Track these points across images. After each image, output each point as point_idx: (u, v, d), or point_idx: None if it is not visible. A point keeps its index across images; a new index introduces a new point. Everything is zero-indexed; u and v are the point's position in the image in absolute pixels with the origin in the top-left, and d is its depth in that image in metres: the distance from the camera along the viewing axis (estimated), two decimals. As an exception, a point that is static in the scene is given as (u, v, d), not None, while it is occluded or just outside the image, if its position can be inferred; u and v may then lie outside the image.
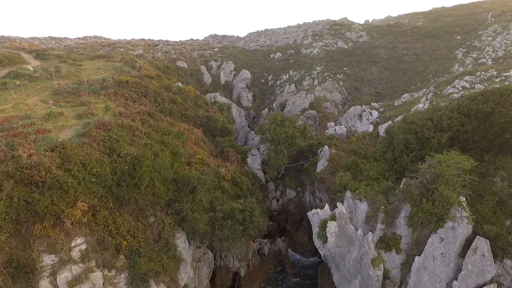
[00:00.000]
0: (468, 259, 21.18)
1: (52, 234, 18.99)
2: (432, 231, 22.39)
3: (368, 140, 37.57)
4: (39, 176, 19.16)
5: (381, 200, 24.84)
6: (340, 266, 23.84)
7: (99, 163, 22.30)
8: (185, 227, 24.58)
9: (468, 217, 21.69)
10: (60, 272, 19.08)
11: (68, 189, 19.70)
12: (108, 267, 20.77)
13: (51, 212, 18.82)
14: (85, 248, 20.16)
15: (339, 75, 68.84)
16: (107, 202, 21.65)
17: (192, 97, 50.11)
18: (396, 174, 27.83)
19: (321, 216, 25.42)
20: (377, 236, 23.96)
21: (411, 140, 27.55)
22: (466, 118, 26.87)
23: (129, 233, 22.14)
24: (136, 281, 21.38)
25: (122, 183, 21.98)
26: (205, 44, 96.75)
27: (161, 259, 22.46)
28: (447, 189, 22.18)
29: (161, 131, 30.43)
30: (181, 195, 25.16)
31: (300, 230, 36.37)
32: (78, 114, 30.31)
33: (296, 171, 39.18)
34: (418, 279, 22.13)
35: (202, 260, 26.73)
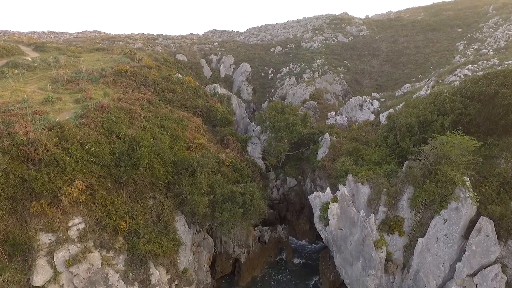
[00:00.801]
0: (472, 239, 20.85)
1: (49, 212, 18.66)
2: (435, 212, 22.06)
3: (370, 128, 37.24)
4: (36, 154, 18.83)
5: (383, 183, 24.50)
6: (342, 248, 23.51)
7: (97, 143, 21.96)
8: (185, 210, 24.23)
9: (472, 198, 21.35)
10: (57, 251, 18.77)
11: (66, 167, 19.37)
12: (106, 248, 20.46)
13: (48, 190, 18.49)
14: (83, 228, 19.85)
15: (340, 68, 68.48)
16: (105, 182, 21.31)
17: (192, 88, 49.69)
18: (399, 158, 27.49)
19: (322, 199, 25.08)
20: (379, 219, 23.62)
21: (414, 124, 27.20)
22: (469, 101, 26.54)
23: (128, 215, 21.82)
24: (135, 263, 21.07)
25: (121, 163, 21.64)
26: (205, 39, 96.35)
27: (160, 241, 22.15)
28: (450, 169, 21.84)
29: (161, 117, 30.07)
30: (180, 178, 24.82)
31: (301, 218, 36.05)
32: (77, 99, 29.94)
33: (296, 159, 38.84)
34: (421, 261, 21.81)
35: (202, 245, 26.40)
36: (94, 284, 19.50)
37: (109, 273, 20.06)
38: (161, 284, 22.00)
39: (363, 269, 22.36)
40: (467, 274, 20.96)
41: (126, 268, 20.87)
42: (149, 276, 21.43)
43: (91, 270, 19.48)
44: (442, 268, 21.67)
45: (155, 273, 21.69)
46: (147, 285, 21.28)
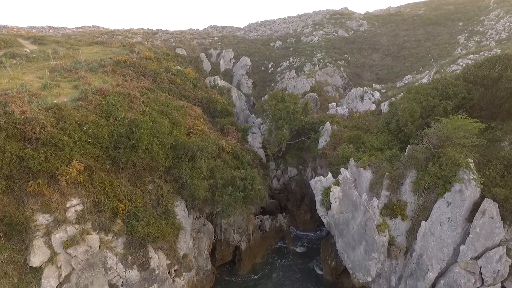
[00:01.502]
0: (476, 222, 20.54)
1: (47, 192, 18.33)
2: (439, 195, 21.74)
3: (371, 117, 36.94)
4: (33, 132, 18.48)
5: (386, 167, 24.19)
6: (344, 232, 23.20)
7: (95, 124, 21.62)
8: (184, 195, 23.90)
9: (476, 180, 21.03)
10: (54, 232, 18.45)
11: (63, 147, 19.03)
12: (105, 230, 20.13)
13: (45, 169, 18.16)
14: (81, 209, 19.52)
15: (340, 62, 68.14)
16: (104, 164, 20.97)
17: (191, 79, 49.38)
18: (401, 143, 27.17)
19: (324, 183, 24.76)
20: (382, 203, 23.30)
21: (416, 109, 26.88)
22: (472, 85, 26.26)
23: (127, 198, 21.48)
24: (134, 246, 20.74)
25: (119, 145, 21.31)
26: (205, 34, 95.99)
27: (159, 224, 21.83)
28: (454, 151, 21.52)
29: (160, 103, 29.73)
30: (180, 163, 24.49)
31: (302, 208, 35.75)
32: (75, 85, 29.59)
33: (297, 149, 38.53)
34: (424, 244, 21.50)
35: (202, 231, 26.09)
36: (92, 266, 19.18)
37: (107, 255, 19.75)
38: (161, 269, 21.68)
39: (365, 253, 22.06)
40: (471, 257, 20.66)
41: (125, 251, 20.54)
42: (148, 260, 21.11)
43: (89, 252, 19.16)
44: (446, 251, 21.36)
45: (154, 257, 21.37)
46: (146, 269, 20.96)
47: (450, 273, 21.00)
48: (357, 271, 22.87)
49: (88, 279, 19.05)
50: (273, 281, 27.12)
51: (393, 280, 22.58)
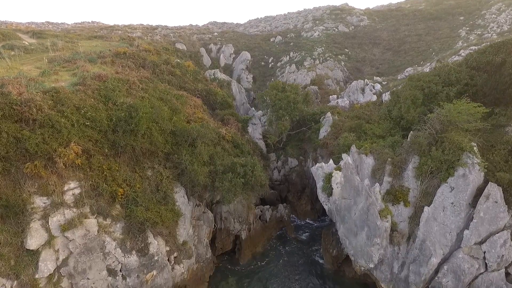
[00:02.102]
0: (480, 206, 20.25)
1: (44, 174, 18.04)
2: (442, 180, 21.45)
3: (372, 107, 36.59)
4: (30, 114, 18.17)
5: (388, 153, 23.90)
6: (346, 219, 22.90)
7: (94, 108, 21.33)
8: (184, 181, 23.60)
9: (480, 164, 20.74)
10: (52, 215, 18.15)
11: (61, 129, 18.73)
12: (103, 214, 19.83)
13: (42, 151, 17.84)
14: (79, 193, 19.21)
15: (341, 56, 67.76)
16: (102, 148, 20.65)
17: (191, 72, 49.01)
18: (403, 131, 26.87)
19: (325, 170, 24.45)
20: (384, 189, 23.00)
21: (418, 95, 26.59)
22: (475, 71, 25.97)
23: (125, 182, 21.18)
24: (132, 231, 20.45)
25: (118, 129, 21.01)
26: (205, 29, 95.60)
27: (158, 209, 21.54)
28: (457, 135, 21.22)
29: (159, 91, 29.41)
30: (180, 149, 24.19)
31: (302, 199, 35.45)
32: (74, 73, 29.24)
33: (298, 140, 38.23)
34: (427, 230, 21.20)
35: (202, 218, 25.79)
36: (91, 250, 18.89)
37: (106, 240, 19.47)
38: (160, 255, 21.40)
39: (367, 238, 21.76)
40: (474, 242, 20.39)
41: (123, 237, 20.26)
42: (147, 245, 20.82)
43: (87, 236, 18.87)
44: (449, 237, 21.07)
45: (153, 243, 21.09)
46: (145, 254, 20.68)
47: (454, 258, 20.73)
48: (359, 258, 22.57)
49: (86, 263, 18.77)
50: (273, 271, 26.81)
51: (395, 266, 22.28)
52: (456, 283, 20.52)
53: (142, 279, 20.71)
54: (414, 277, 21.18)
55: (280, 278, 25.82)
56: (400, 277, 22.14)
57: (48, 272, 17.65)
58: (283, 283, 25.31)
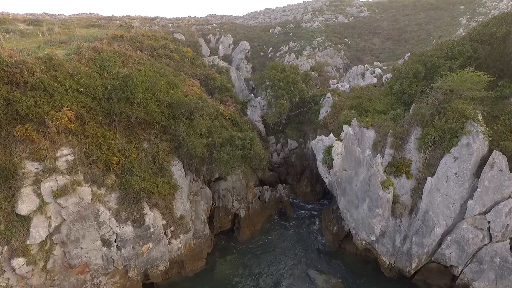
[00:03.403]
0: (484, 175, 19.76)
1: (36, 138, 17.45)
2: (445, 150, 20.94)
3: (373, 88, 36.05)
4: (21, 76, 17.61)
5: (389, 125, 23.37)
6: (347, 191, 22.36)
7: (88, 76, 20.77)
8: (181, 154, 23.03)
9: (484, 132, 20.25)
10: (44, 181, 17.56)
11: (53, 93, 18.17)
12: (97, 183, 19.25)
13: (33, 114, 17.26)
14: (72, 160, 18.63)
15: (340, 45, 67.29)
16: (97, 115, 20.07)
17: (189, 58, 48.42)
18: (405, 106, 26.34)
19: (325, 142, 23.93)
20: (385, 162, 22.47)
21: (420, 69, 26.09)
22: (478, 44, 25.47)
23: (121, 152, 20.58)
24: (128, 201, 19.88)
25: (113, 96, 20.44)
26: (204, 21, 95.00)
27: (155, 180, 20.98)
28: (461, 103, 20.70)
29: (157, 68, 28.82)
30: (177, 122, 23.62)
31: (302, 181, 34.92)
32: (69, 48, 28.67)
33: (297, 122, 37.70)
34: (430, 201, 20.70)
35: (200, 194, 25.23)
36: (84, 219, 18.32)
37: (100, 209, 18.89)
38: (156, 227, 20.83)
39: (369, 210, 21.24)
40: (479, 211, 19.91)
41: (118, 207, 19.68)
42: (143, 216, 20.27)
43: (81, 204, 18.29)
44: (453, 208, 20.59)
45: (149, 214, 20.53)
46: (141, 225, 20.12)
47: (457, 229, 20.26)
48: (360, 231, 22.06)
49: (79, 232, 18.20)
50: (273, 249, 26.28)
51: (397, 240, 21.78)
52: (459, 254, 20.06)
53: (138, 251, 20.18)
54: (416, 249, 20.69)
55: (280, 256, 25.29)
56: (402, 250, 21.64)
57: (40, 238, 17.08)
58: (283, 261, 24.77)
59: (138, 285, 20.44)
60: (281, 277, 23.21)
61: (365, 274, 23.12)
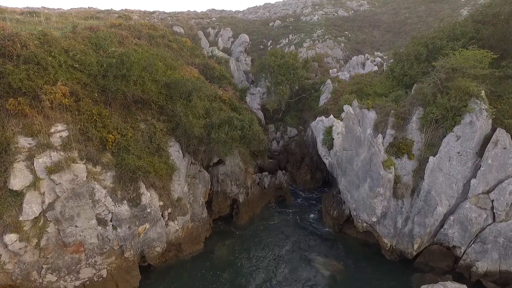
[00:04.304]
0: (488, 153, 19.36)
1: (29, 112, 17.01)
2: (448, 129, 20.55)
3: (373, 75, 35.63)
4: (13, 49, 17.17)
5: (391, 105, 22.97)
6: (348, 171, 21.95)
7: (83, 53, 20.32)
8: (178, 134, 22.60)
9: (487, 110, 19.85)
10: (37, 156, 17.12)
11: (47, 67, 17.74)
12: (93, 161, 18.80)
13: (26, 88, 16.82)
14: (67, 136, 18.18)
15: (340, 38, 66.81)
16: (92, 92, 19.63)
17: (188, 48, 47.94)
18: (406, 88, 25.95)
19: (326, 123, 23.52)
20: (387, 142, 22.07)
21: (422, 51, 25.68)
22: (481, 25, 25.03)
23: (116, 131, 20.13)
24: (124, 180, 19.41)
25: (109, 74, 19.97)
26: (203, 14, 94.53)
27: (151, 159, 20.57)
28: (465, 80, 20.28)
29: (154, 51, 28.37)
30: (174, 103, 23.18)
31: (302, 168, 34.52)
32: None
33: (297, 110, 37.30)
34: (432, 180, 20.29)
35: (198, 177, 24.83)
36: (79, 196, 17.86)
37: (95, 187, 18.42)
38: (153, 207, 20.39)
39: (370, 189, 20.83)
40: (482, 190, 19.52)
41: (114, 186, 19.23)
42: (139, 195, 19.82)
43: (75, 181, 17.83)
44: (455, 187, 20.20)
45: (145, 193, 20.09)
46: (137, 205, 19.68)
47: (460, 209, 19.88)
48: (361, 212, 21.66)
49: (74, 209, 17.75)
50: (272, 234, 25.88)
51: (399, 221, 21.38)
52: (462, 234, 19.67)
53: (134, 231, 19.75)
54: (418, 229, 20.29)
55: (279, 241, 24.87)
56: (404, 232, 21.24)
57: (33, 215, 16.64)
58: (282, 246, 24.35)
59: (134, 266, 20.01)
60: (281, 261, 22.80)
61: (366, 258, 22.72)
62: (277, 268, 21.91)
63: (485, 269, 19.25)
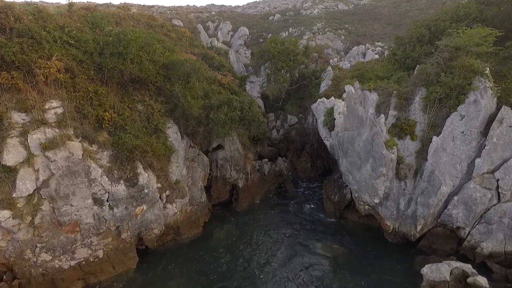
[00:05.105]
0: (493, 131, 18.95)
1: (23, 87, 16.59)
2: (451, 108, 20.13)
3: (374, 62, 35.18)
4: (6, 21, 16.75)
5: (393, 86, 22.54)
6: (349, 152, 21.51)
7: (79, 30, 19.88)
8: (177, 115, 22.16)
9: (492, 88, 19.42)
10: (31, 132, 16.71)
11: (41, 41, 17.31)
12: (88, 139, 18.37)
13: (20, 61, 16.40)
14: (62, 113, 17.75)
15: (341, 31, 66.43)
16: (88, 69, 19.18)
17: (187, 38, 47.47)
18: (408, 70, 25.49)
19: (327, 105, 23.10)
20: (389, 123, 21.63)
21: (424, 33, 25.23)
22: (485, 6, 24.62)
23: (113, 109, 19.70)
24: (120, 159, 18.98)
25: (105, 51, 19.54)
26: (202, 9, 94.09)
27: (149, 139, 20.14)
28: (469, 58, 19.85)
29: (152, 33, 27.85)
30: (172, 84, 22.72)
31: (302, 156, 34.09)
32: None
33: (297, 98, 36.85)
34: (436, 160, 19.85)
35: (196, 161, 24.39)
36: (74, 174, 17.42)
37: (91, 166, 17.99)
38: (150, 188, 19.96)
39: (372, 170, 20.40)
40: (487, 170, 19.09)
41: (111, 165, 18.80)
42: (136, 175, 19.41)
43: (71, 159, 17.40)
44: (459, 168, 19.77)
45: (143, 174, 19.67)
46: (134, 184, 19.26)
47: (464, 189, 19.42)
48: (363, 193, 21.22)
49: (69, 187, 17.30)
50: (272, 220, 25.44)
51: (402, 203, 20.94)
52: (467, 214, 19.23)
53: (131, 211, 19.31)
54: (422, 210, 19.85)
55: (279, 227, 24.41)
56: (406, 213, 20.81)
57: (27, 192, 16.22)
58: (282, 231, 23.90)
59: (131, 247, 19.58)
60: (280, 245, 22.33)
61: (368, 241, 22.28)
62: (276, 252, 21.44)
63: (490, 250, 18.82)
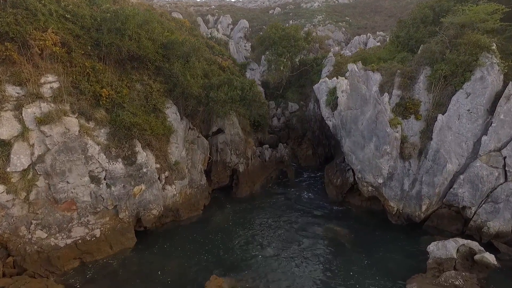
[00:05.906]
0: (500, 108, 18.50)
1: (17, 59, 16.09)
2: (457, 86, 19.70)
3: (377, 49, 34.72)
4: (0, -8, 16.23)
5: (397, 65, 22.09)
6: (352, 131, 21.06)
7: (76, 6, 19.40)
8: (176, 95, 21.71)
9: (499, 64, 18.98)
10: (26, 106, 16.23)
11: (36, 13, 16.81)
12: (85, 116, 17.93)
13: (14, 32, 15.90)
14: (58, 87, 17.28)
15: (341, 23, 65.99)
16: (85, 45, 18.70)
17: (187, 28, 46.98)
18: (412, 51, 25.03)
19: (329, 84, 22.64)
20: (393, 103, 21.19)
21: (428, 13, 24.79)
22: (490, -14, 24.10)
23: (111, 87, 19.23)
24: (118, 137, 18.53)
25: (103, 27, 19.05)
26: (202, 3, 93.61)
27: (147, 117, 19.68)
28: (475, 34, 19.39)
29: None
30: (171, 63, 22.26)
31: (303, 144, 33.70)
32: None
33: (298, 86, 36.43)
34: (441, 139, 19.39)
35: (196, 143, 23.95)
36: (71, 150, 16.96)
37: (88, 143, 17.54)
38: (149, 168, 19.50)
39: (376, 149, 19.95)
40: (494, 147, 18.66)
41: (108, 143, 18.35)
42: (134, 154, 18.96)
43: (67, 135, 16.94)
44: (465, 146, 19.33)
45: (141, 152, 19.23)
46: (132, 163, 18.81)
47: (471, 168, 18.98)
48: (366, 173, 20.76)
49: (65, 164, 16.84)
50: (272, 205, 25.00)
51: (406, 184, 20.48)
52: (473, 193, 18.78)
53: (129, 191, 18.84)
54: (427, 189, 19.40)
55: (280, 212, 23.95)
56: (411, 194, 20.35)
57: (21, 166, 15.77)
58: (283, 215, 23.44)
59: (129, 228, 19.12)
60: (281, 229, 21.86)
61: (372, 224, 21.84)
62: (276, 235, 20.97)
63: (497, 229, 18.38)
